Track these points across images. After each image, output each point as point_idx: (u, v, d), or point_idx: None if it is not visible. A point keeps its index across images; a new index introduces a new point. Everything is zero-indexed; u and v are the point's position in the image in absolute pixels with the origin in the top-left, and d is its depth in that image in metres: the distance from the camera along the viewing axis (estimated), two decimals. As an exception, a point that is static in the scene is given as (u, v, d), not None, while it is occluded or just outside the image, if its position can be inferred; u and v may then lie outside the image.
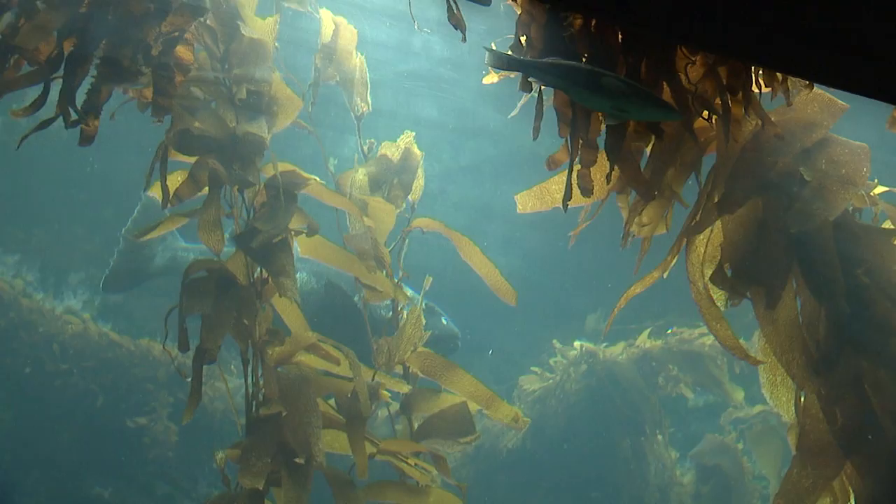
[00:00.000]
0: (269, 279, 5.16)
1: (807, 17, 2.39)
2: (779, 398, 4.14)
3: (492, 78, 4.37)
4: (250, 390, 5.10)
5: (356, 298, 8.55)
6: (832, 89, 4.02)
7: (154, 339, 10.48)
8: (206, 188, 5.28)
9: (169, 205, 5.22)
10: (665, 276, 4.31)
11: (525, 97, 4.15)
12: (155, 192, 5.24)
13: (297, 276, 5.11)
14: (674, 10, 2.73)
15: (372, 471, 5.46)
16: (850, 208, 4.12)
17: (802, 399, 4.01)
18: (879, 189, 4.20)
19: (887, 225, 4.07)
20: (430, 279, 6.49)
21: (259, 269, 5.28)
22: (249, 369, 5.10)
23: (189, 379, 4.84)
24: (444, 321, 8.76)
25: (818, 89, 4.12)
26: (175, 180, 5.33)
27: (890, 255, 3.90)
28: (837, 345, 3.90)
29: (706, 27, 2.74)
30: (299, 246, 5.63)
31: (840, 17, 2.33)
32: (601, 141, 3.78)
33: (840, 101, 4.11)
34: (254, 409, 5.06)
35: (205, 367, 4.94)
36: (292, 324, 5.38)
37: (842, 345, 3.88)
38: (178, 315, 4.92)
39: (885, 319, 3.86)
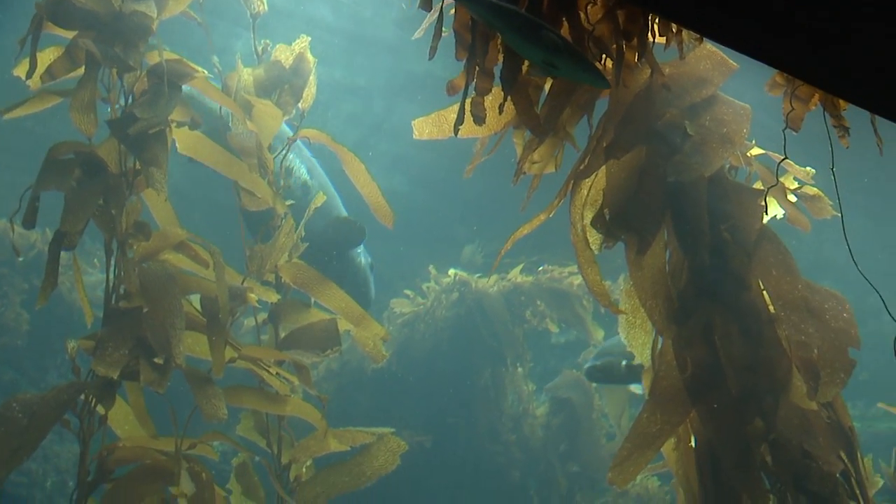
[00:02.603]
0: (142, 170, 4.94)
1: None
2: (634, 340, 4.31)
3: (408, -7, 4.24)
4: (111, 283, 4.92)
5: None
6: (726, 48, 4.11)
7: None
8: (83, 68, 4.97)
9: (39, 81, 4.90)
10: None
11: (430, 17, 4.05)
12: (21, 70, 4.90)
13: None
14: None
15: (234, 380, 5.40)
16: (727, 166, 4.27)
17: (660, 345, 4.17)
18: (756, 151, 4.36)
19: (758, 186, 4.23)
20: (324, 197, 6.42)
21: (133, 160, 5.04)
22: (113, 260, 4.90)
23: (20, 258, 4.60)
24: (372, 286, 8.71)
25: (712, 47, 4.20)
26: (49, 56, 5.00)
27: (754, 214, 4.07)
28: (695, 295, 4.06)
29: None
30: (178, 141, 5.40)
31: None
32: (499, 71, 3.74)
33: (731, 61, 4.21)
34: (114, 301, 4.89)
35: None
36: (161, 219, 5.19)
37: (699, 295, 4.05)
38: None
39: (740, 275, 4.05)
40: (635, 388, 8.33)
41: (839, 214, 3.90)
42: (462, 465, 10.29)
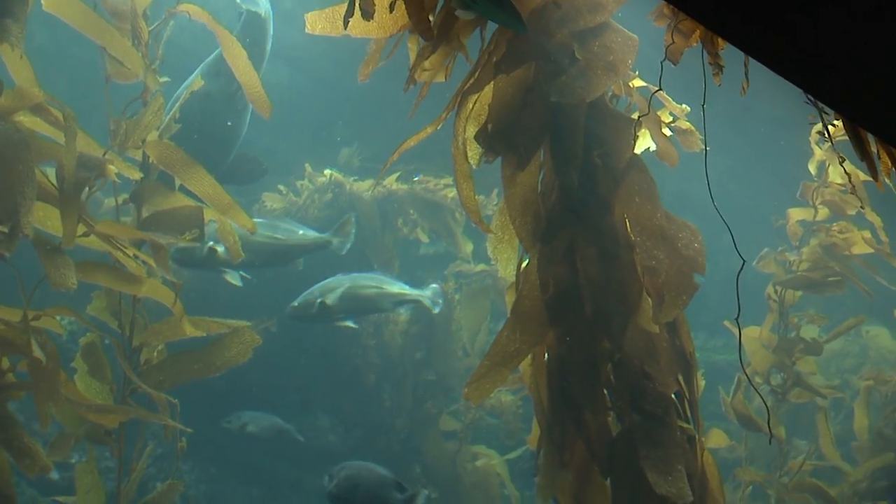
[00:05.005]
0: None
1: None
2: (501, 255, 4.37)
3: None
4: (-43, 141, 4.57)
5: None
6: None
7: None
8: None
9: None
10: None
11: None
12: None
13: None
14: None
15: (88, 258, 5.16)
16: (609, 94, 4.32)
17: (525, 264, 4.25)
18: (638, 82, 4.43)
19: (636, 116, 4.31)
20: (201, 82, 6.11)
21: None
22: (-40, 117, 4.55)
23: None
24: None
25: (610, -29, 4.18)
26: None
27: (627, 142, 4.16)
28: (561, 215, 4.15)
29: None
30: (43, -1, 4.99)
31: None
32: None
33: (626, -11, 4.21)
34: (-43, 161, 4.55)
35: None
36: (19, 77, 4.82)
37: (565, 216, 4.14)
38: None
39: (605, 199, 4.16)
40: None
41: (706, 149, 4.03)
42: (318, 365, 10.34)
